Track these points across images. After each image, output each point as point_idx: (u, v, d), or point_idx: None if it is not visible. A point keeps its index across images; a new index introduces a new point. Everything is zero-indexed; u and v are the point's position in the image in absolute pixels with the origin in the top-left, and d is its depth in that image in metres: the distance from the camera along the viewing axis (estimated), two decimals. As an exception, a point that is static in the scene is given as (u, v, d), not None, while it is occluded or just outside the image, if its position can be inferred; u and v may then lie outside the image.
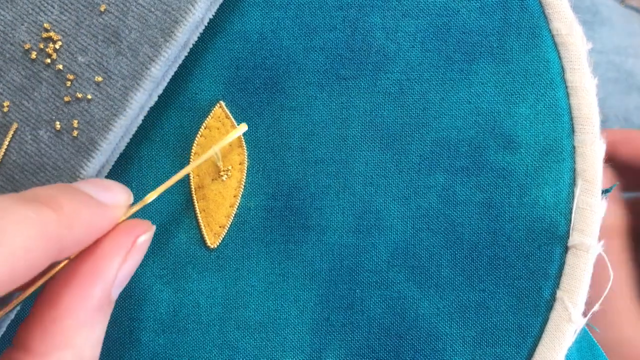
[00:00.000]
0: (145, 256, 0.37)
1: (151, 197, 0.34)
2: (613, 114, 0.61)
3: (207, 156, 0.36)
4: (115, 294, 0.30)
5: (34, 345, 0.28)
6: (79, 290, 0.29)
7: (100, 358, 0.37)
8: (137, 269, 0.37)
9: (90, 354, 0.29)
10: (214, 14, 0.37)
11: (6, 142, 0.35)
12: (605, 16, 0.62)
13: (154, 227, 0.32)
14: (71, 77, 0.35)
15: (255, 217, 0.38)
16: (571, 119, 0.38)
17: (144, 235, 0.31)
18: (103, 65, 0.35)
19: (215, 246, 0.38)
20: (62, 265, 0.30)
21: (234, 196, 0.38)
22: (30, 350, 0.28)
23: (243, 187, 0.38)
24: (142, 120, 0.37)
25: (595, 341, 0.40)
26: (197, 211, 0.38)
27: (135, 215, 0.38)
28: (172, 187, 0.38)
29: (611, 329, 0.50)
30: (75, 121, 0.35)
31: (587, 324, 0.39)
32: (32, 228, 0.25)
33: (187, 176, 0.38)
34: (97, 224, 0.29)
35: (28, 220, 0.25)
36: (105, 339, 0.37)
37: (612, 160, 0.49)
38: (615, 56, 0.62)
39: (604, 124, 0.61)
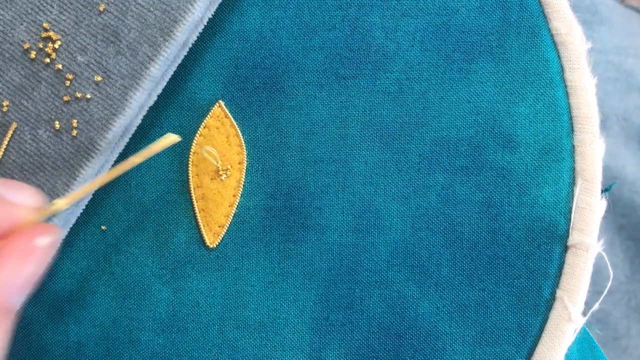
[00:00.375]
0: (144, 256, 0.37)
1: (61, 204, 0.32)
2: (613, 114, 0.61)
3: (125, 168, 0.34)
4: (13, 301, 0.28)
5: None
6: None
7: (100, 358, 0.37)
8: (136, 268, 0.37)
9: None
10: (213, 13, 0.37)
11: (5, 142, 0.35)
12: (605, 16, 0.62)
13: (59, 231, 0.31)
14: (70, 76, 0.35)
15: (255, 217, 0.38)
16: (570, 118, 0.38)
17: (45, 237, 0.29)
18: (102, 65, 0.35)
19: (215, 246, 0.38)
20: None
21: (233, 196, 0.38)
22: None
23: (242, 186, 0.38)
24: (142, 119, 0.37)
25: (596, 342, 0.40)
26: (196, 211, 0.38)
27: (131, 214, 0.38)
28: (172, 186, 0.38)
29: None
30: (75, 121, 0.35)
31: (587, 325, 0.39)
32: None
33: (187, 176, 0.38)
34: (3, 220, 0.28)
35: None
36: (104, 338, 0.37)
37: None
38: (615, 56, 0.61)
39: (604, 123, 0.61)
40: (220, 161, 0.38)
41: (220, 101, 0.38)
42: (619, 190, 0.60)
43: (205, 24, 0.37)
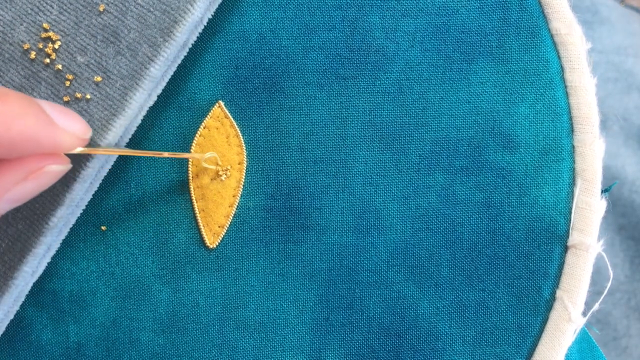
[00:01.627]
0: (144, 256, 0.37)
1: (102, 150, 0.34)
2: (613, 114, 0.61)
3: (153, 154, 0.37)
4: (3, 207, 0.29)
5: None
6: None
7: (100, 358, 0.38)
8: (136, 269, 0.37)
9: None
10: (213, 13, 0.37)
11: (5, 142, 0.35)
12: (605, 16, 0.62)
13: (69, 165, 0.32)
14: (70, 77, 0.35)
15: (255, 217, 0.38)
16: (570, 118, 0.38)
17: (56, 165, 0.30)
18: (102, 65, 0.35)
19: (215, 246, 0.38)
20: None
21: (233, 196, 0.38)
22: None
23: (242, 186, 0.38)
24: (142, 119, 0.37)
25: (595, 342, 0.40)
26: (196, 211, 0.38)
27: (131, 214, 0.38)
28: (172, 187, 0.38)
29: None
30: (75, 121, 0.35)
31: (586, 325, 0.39)
32: None
33: (187, 176, 0.38)
34: (39, 138, 0.28)
35: None
36: (104, 339, 0.37)
37: None
38: (615, 56, 0.61)
39: (604, 123, 0.61)
40: (220, 162, 0.38)
41: (220, 101, 0.38)
42: (619, 190, 0.60)
43: (205, 24, 0.37)
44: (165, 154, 0.37)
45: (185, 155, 0.38)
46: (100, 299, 0.38)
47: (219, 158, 0.38)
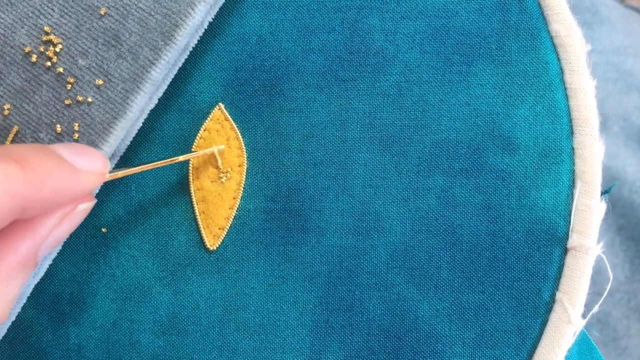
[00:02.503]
0: (144, 258, 0.38)
1: (119, 174, 0.34)
2: (612, 114, 0.61)
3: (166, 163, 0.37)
4: (41, 255, 0.30)
5: None
6: (6, 240, 0.28)
7: (100, 359, 0.38)
8: (137, 271, 0.37)
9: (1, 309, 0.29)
10: (213, 16, 0.37)
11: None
12: (605, 16, 0.62)
13: (95, 200, 0.32)
14: (72, 80, 0.35)
15: (255, 219, 0.38)
16: (570, 120, 0.38)
17: (86, 204, 0.31)
18: (103, 69, 0.35)
19: (215, 248, 0.38)
20: None
21: (234, 198, 0.38)
22: None
23: (242, 189, 0.38)
24: (142, 122, 0.37)
25: (594, 344, 0.40)
26: (197, 213, 0.38)
27: (132, 217, 0.38)
28: (172, 189, 0.38)
29: None
30: (76, 124, 0.35)
31: (586, 327, 0.39)
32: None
33: (187, 178, 0.38)
34: (67, 188, 0.29)
35: None
36: (104, 341, 0.37)
37: None
38: (615, 56, 0.62)
39: (604, 124, 0.61)
40: (221, 164, 0.38)
41: (220, 104, 0.38)
42: (619, 191, 0.60)
43: (206, 27, 0.37)
44: (180, 158, 0.37)
45: (197, 154, 0.37)
46: (101, 301, 0.38)
47: (220, 160, 0.38)
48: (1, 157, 0.26)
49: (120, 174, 0.33)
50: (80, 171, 0.30)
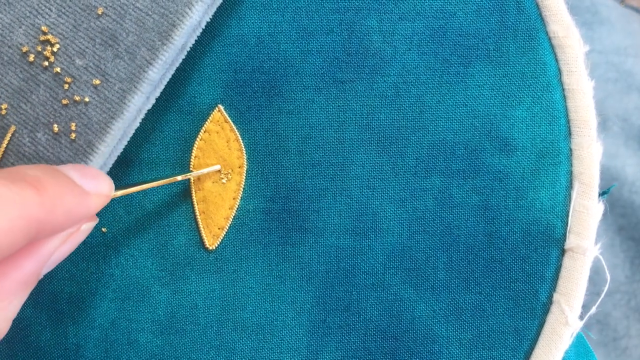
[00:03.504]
0: (144, 258, 0.38)
1: (120, 193, 0.34)
2: (612, 114, 0.61)
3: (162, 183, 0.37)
4: (42, 273, 0.30)
5: None
6: (11, 259, 0.28)
7: (98, 359, 0.38)
8: (136, 270, 0.37)
9: (1, 327, 0.29)
10: (211, 17, 0.37)
11: (4, 145, 0.35)
12: (605, 16, 0.62)
13: (97, 220, 0.32)
14: (69, 79, 0.35)
15: (254, 220, 0.38)
16: (568, 121, 0.38)
17: (89, 224, 0.32)
18: (101, 68, 0.35)
19: (214, 248, 0.38)
20: None
21: (233, 198, 0.38)
22: None
23: (242, 189, 0.38)
24: (142, 123, 0.37)
25: (591, 347, 0.40)
26: (197, 213, 0.38)
27: (132, 216, 0.38)
28: (173, 189, 0.38)
29: None
30: (73, 124, 0.35)
31: (584, 329, 0.39)
32: (13, 209, 0.25)
33: (188, 179, 0.38)
34: (77, 211, 0.29)
35: (11, 201, 0.25)
36: (103, 340, 0.37)
37: None
38: (615, 56, 0.61)
39: (603, 124, 0.61)
40: (223, 168, 0.38)
41: (220, 105, 0.38)
42: (619, 191, 0.60)
43: (204, 28, 0.37)
44: (179, 178, 0.37)
45: (196, 174, 0.38)
46: (100, 300, 0.38)
47: (220, 162, 0.38)
48: (16, 180, 0.26)
49: (120, 193, 0.33)
50: (88, 194, 0.30)
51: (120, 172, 0.38)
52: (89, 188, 0.30)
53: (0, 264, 0.28)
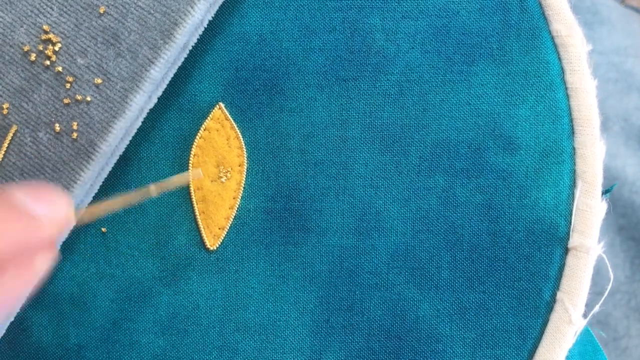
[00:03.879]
0: (144, 258, 0.38)
1: (84, 217, 0.31)
2: (613, 114, 0.61)
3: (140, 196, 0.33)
4: None
5: None
6: None
7: (100, 359, 0.38)
8: (136, 271, 0.37)
9: None
10: (213, 15, 0.37)
11: (5, 144, 0.35)
12: (605, 16, 0.62)
13: (55, 251, 0.28)
14: (70, 79, 0.35)
15: (255, 219, 0.38)
16: (571, 120, 0.38)
17: (45, 256, 0.27)
18: (102, 67, 0.35)
19: (215, 248, 0.38)
20: None
21: (234, 198, 0.38)
22: None
23: (242, 188, 0.38)
24: (141, 121, 0.37)
25: (600, 346, 0.40)
26: (197, 213, 0.38)
27: (132, 216, 0.38)
28: (172, 189, 0.38)
29: None
30: (75, 123, 0.35)
31: (594, 328, 0.39)
32: None
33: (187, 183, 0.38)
34: (25, 239, 0.26)
35: None
36: (104, 341, 0.37)
37: None
38: (615, 56, 0.61)
39: (604, 124, 0.61)
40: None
41: (221, 103, 0.38)
42: (619, 191, 0.60)
43: (206, 26, 0.37)
44: (152, 187, 0.32)
45: (173, 181, 0.34)
46: (101, 301, 0.38)
47: (220, 160, 0.38)
48: None
49: (84, 216, 0.31)
50: (38, 221, 0.26)
51: (119, 170, 0.38)
52: (40, 212, 0.27)
53: None
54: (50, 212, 0.27)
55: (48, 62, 0.35)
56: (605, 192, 0.38)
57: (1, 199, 0.26)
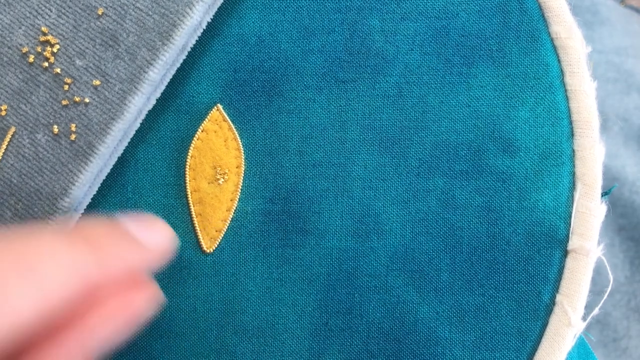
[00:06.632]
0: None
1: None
2: (613, 114, 0.61)
3: None
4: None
5: None
6: (51, 333, 0.25)
7: (99, 362, 0.37)
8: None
9: None
10: (212, 17, 0.37)
11: (4, 146, 0.35)
12: (605, 16, 0.62)
13: (156, 292, 0.28)
14: (69, 80, 0.35)
15: (253, 221, 0.38)
16: (570, 122, 0.37)
17: (150, 303, 0.28)
18: (101, 69, 0.35)
19: (212, 251, 0.38)
20: None
21: (231, 200, 0.38)
22: None
23: (240, 190, 0.38)
24: (140, 123, 0.36)
25: (591, 349, 0.40)
26: (193, 215, 0.38)
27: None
28: (169, 190, 0.38)
29: None
30: (73, 125, 0.35)
31: (583, 332, 0.39)
32: (71, 274, 0.24)
33: (183, 180, 0.38)
34: (133, 267, 0.27)
35: (68, 266, 0.24)
36: (103, 343, 0.37)
37: None
38: (615, 56, 0.61)
39: (604, 124, 0.61)
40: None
41: (219, 105, 0.38)
42: (619, 191, 0.60)
43: (204, 27, 0.37)
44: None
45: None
46: (99, 302, 0.38)
47: (217, 162, 0.37)
48: (76, 243, 0.25)
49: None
50: (146, 250, 0.27)
51: (116, 171, 0.38)
52: (148, 241, 0.27)
53: (39, 339, 0.25)
54: (160, 242, 0.28)
55: (46, 64, 0.35)
56: (604, 194, 0.38)
57: (116, 235, 0.26)
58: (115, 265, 0.26)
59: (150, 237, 0.28)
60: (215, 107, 0.38)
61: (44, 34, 0.35)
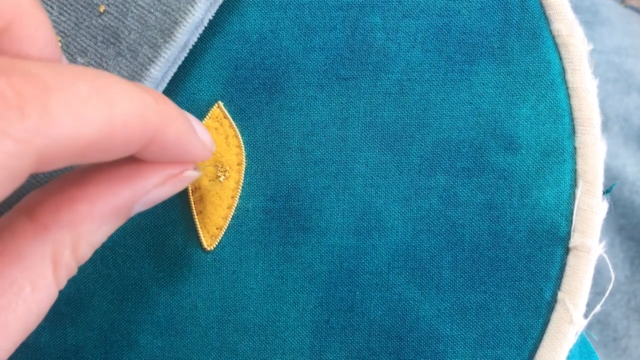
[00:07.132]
0: (141, 258, 0.37)
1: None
2: (613, 114, 0.61)
3: None
4: (135, 209, 0.29)
5: (41, 215, 0.26)
6: (109, 183, 0.27)
7: (98, 360, 0.37)
8: (133, 271, 0.37)
9: (85, 251, 0.27)
10: (213, 14, 0.37)
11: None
12: (605, 16, 0.62)
13: (201, 173, 0.32)
14: (69, 77, 0.35)
15: (253, 219, 0.38)
16: (572, 120, 0.37)
17: (193, 172, 0.30)
18: (102, 66, 0.35)
19: (212, 248, 0.38)
20: None
21: (232, 197, 0.38)
22: (35, 218, 0.26)
23: (241, 188, 0.38)
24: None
25: (593, 348, 0.40)
26: (194, 213, 0.38)
27: (133, 217, 0.38)
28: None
29: None
30: (73, 122, 0.35)
31: (585, 331, 0.39)
32: (135, 106, 0.24)
33: None
34: (186, 145, 0.28)
35: (134, 98, 0.24)
36: (102, 341, 0.37)
37: None
38: (615, 56, 0.61)
39: (604, 124, 0.61)
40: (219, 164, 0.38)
41: (220, 102, 0.38)
42: (619, 191, 0.60)
43: (206, 25, 0.37)
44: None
45: None
46: (98, 301, 0.38)
47: (218, 159, 0.37)
48: (137, 86, 0.25)
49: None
50: (197, 135, 0.29)
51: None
52: (200, 132, 0.30)
53: (100, 186, 0.27)
54: (203, 137, 0.30)
55: (46, 61, 0.35)
56: (605, 191, 0.38)
57: (173, 104, 0.28)
58: (172, 126, 0.27)
59: (201, 131, 0.30)
60: (216, 104, 0.38)
61: (45, 31, 0.35)
